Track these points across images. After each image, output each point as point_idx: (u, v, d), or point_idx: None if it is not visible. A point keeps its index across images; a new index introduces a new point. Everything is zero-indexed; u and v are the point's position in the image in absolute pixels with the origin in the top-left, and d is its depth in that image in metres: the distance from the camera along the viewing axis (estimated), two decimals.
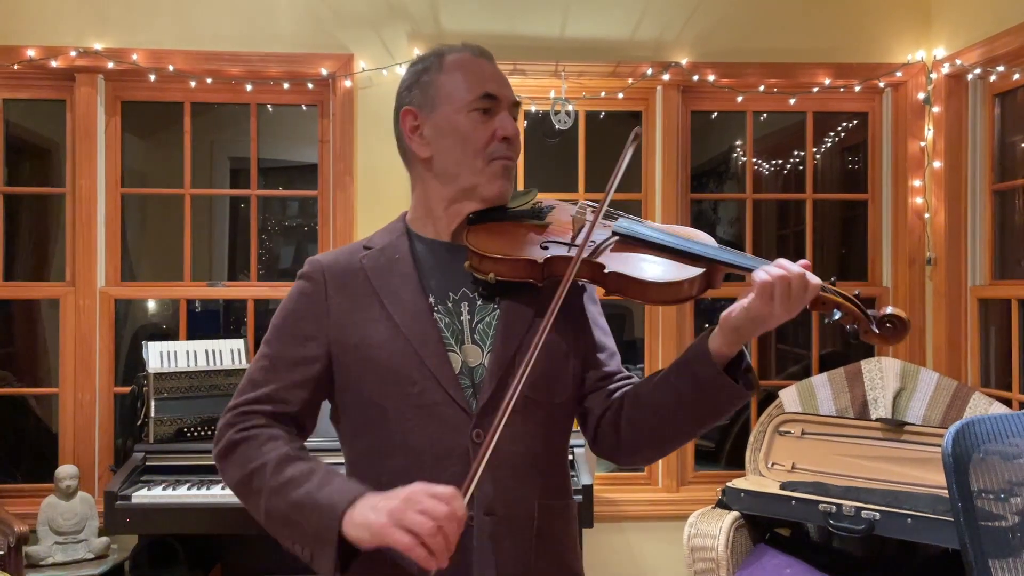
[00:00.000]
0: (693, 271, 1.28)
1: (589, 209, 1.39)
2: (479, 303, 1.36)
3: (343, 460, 1.42)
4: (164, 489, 2.71)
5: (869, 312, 1.24)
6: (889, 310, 1.23)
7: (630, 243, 1.34)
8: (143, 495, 2.68)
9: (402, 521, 1.11)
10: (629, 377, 1.45)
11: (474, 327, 1.35)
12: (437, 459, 1.28)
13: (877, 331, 1.23)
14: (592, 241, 1.32)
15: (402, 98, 1.43)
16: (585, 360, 1.43)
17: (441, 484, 1.14)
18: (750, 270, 1.23)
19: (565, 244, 1.34)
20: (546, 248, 1.34)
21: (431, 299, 1.35)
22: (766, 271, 1.20)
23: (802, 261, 1.21)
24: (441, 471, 1.25)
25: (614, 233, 1.36)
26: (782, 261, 1.22)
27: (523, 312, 1.35)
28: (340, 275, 1.38)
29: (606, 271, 1.29)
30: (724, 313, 1.25)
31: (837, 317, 1.23)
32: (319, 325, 1.35)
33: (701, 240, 1.34)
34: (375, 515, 1.14)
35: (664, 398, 1.32)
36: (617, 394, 1.41)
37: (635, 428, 1.36)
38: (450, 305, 1.36)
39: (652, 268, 1.30)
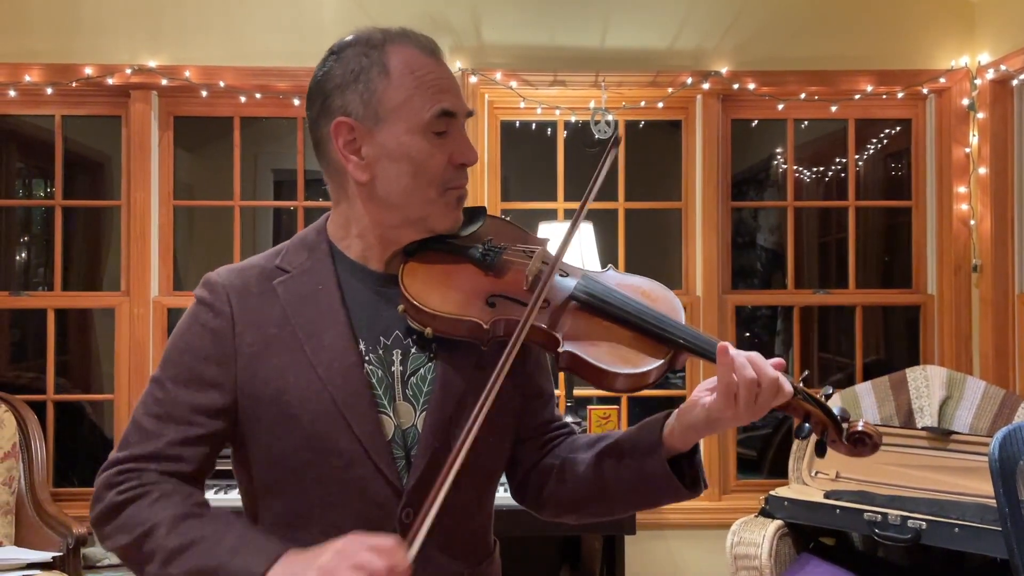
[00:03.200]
0: (656, 362, 1.11)
1: (544, 258, 1.20)
2: (413, 351, 1.18)
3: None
4: (216, 493, 2.79)
5: (839, 422, 1.12)
6: (861, 425, 1.12)
7: (591, 310, 1.16)
8: None
9: None
10: (564, 425, 1.33)
11: (406, 380, 1.17)
12: None
13: (846, 443, 1.13)
14: (546, 302, 1.14)
15: (330, 101, 1.17)
16: (522, 409, 1.28)
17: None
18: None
19: (515, 301, 1.14)
20: (493, 305, 1.15)
21: (361, 346, 1.16)
22: (734, 371, 1.06)
23: (775, 360, 1.09)
24: None
25: (572, 298, 1.16)
26: (755, 357, 1.08)
27: (462, 367, 1.17)
28: (251, 306, 1.16)
29: (560, 349, 1.11)
30: (681, 408, 1.14)
31: (806, 431, 1.11)
32: (224, 370, 1.14)
33: (669, 308, 1.17)
34: (304, 573, 0.98)
35: (602, 476, 1.20)
36: (550, 446, 1.29)
37: (562, 495, 1.25)
38: (381, 352, 1.17)
39: (614, 350, 1.12)
